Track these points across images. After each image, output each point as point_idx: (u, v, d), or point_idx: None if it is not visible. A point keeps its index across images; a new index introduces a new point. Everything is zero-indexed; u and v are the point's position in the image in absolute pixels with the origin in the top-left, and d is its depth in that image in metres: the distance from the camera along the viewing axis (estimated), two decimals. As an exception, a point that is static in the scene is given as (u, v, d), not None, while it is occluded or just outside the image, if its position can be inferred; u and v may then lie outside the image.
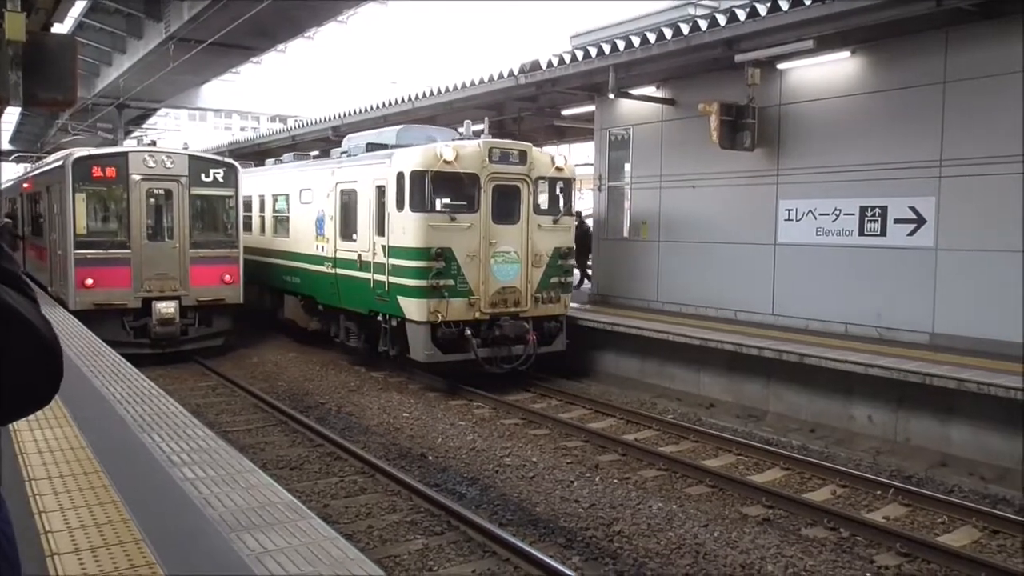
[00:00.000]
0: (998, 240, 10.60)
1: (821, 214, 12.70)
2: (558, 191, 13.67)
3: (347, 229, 14.28)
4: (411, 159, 12.33)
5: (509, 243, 12.78)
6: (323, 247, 15.16)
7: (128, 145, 22.14)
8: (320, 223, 15.32)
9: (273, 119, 53.01)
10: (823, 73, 12.72)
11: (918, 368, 9.63)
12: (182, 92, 32.51)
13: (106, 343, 10.95)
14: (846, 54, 12.21)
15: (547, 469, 9.33)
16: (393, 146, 13.76)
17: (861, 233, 12.15)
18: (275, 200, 18.14)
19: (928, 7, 10.03)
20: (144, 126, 39.89)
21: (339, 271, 14.52)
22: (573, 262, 13.32)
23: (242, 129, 77.46)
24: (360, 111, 21.71)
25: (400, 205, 12.39)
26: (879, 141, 11.92)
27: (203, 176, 15.82)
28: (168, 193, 15.49)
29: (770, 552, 7.04)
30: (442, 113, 18.92)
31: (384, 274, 12.88)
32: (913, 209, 11.50)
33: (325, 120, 23.91)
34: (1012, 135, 10.38)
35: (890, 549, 7.16)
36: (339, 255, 14.51)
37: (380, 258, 13.01)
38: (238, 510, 4.73)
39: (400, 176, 12.36)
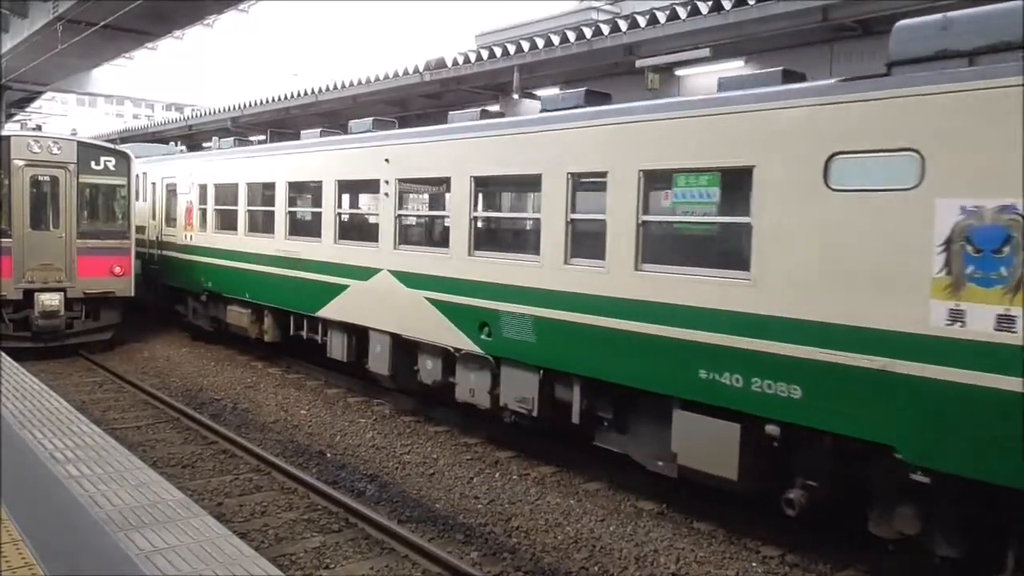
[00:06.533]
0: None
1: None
2: None
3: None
4: None
5: None
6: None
7: (10, 129, 21.12)
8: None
9: (169, 107, 51.17)
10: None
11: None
12: (71, 76, 31.05)
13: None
14: (740, 63, 12.68)
15: (447, 466, 9.36)
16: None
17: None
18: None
19: (814, 21, 10.63)
20: (28, 109, 37.99)
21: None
22: None
23: (135, 117, 74.51)
24: (261, 102, 21.25)
25: None
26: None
27: (93, 164, 15.31)
28: (55, 180, 14.88)
29: (663, 544, 7.27)
30: (348, 107, 18.68)
31: None
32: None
33: (224, 110, 23.27)
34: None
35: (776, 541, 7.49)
36: None
37: None
38: (127, 508, 4.60)
39: None
